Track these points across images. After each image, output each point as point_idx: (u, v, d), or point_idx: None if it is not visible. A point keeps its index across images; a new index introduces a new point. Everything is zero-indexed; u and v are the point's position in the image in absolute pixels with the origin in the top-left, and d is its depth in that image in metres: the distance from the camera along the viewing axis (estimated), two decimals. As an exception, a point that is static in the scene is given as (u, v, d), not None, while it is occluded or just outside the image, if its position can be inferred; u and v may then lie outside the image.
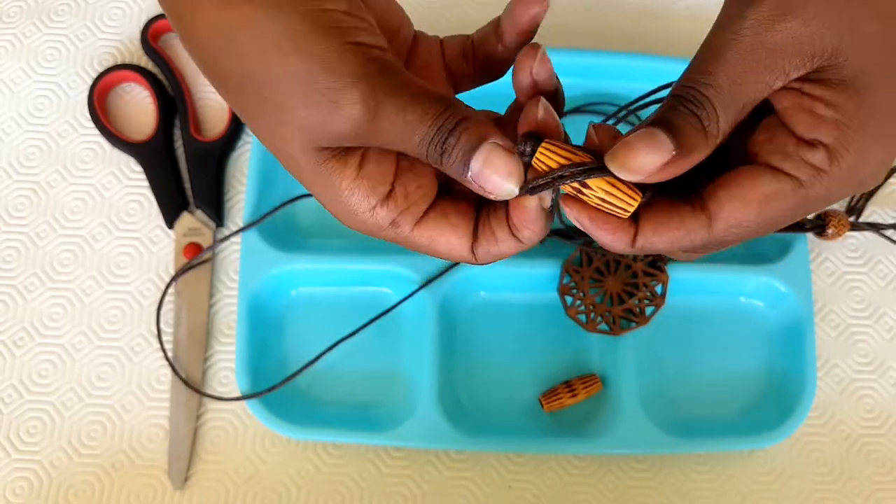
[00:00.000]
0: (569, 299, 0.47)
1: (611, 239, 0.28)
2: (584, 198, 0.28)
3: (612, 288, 0.47)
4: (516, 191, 0.28)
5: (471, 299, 0.49)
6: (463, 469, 0.47)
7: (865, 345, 0.50)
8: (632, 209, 0.28)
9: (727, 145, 0.29)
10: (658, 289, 0.47)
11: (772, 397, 0.48)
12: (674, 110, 0.28)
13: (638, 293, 0.47)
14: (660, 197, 0.29)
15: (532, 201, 0.28)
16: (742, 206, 0.28)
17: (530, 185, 0.28)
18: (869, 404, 0.49)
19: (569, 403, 0.47)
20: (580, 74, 0.51)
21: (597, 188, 0.27)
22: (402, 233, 0.30)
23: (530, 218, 0.29)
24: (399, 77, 0.27)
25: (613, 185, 0.28)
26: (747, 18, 0.27)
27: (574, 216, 0.28)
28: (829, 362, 0.49)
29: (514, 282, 0.49)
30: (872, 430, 0.48)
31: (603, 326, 0.47)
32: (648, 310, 0.47)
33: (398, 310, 0.48)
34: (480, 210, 0.30)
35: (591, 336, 0.48)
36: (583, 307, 0.47)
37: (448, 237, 0.30)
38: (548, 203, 0.29)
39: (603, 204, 0.28)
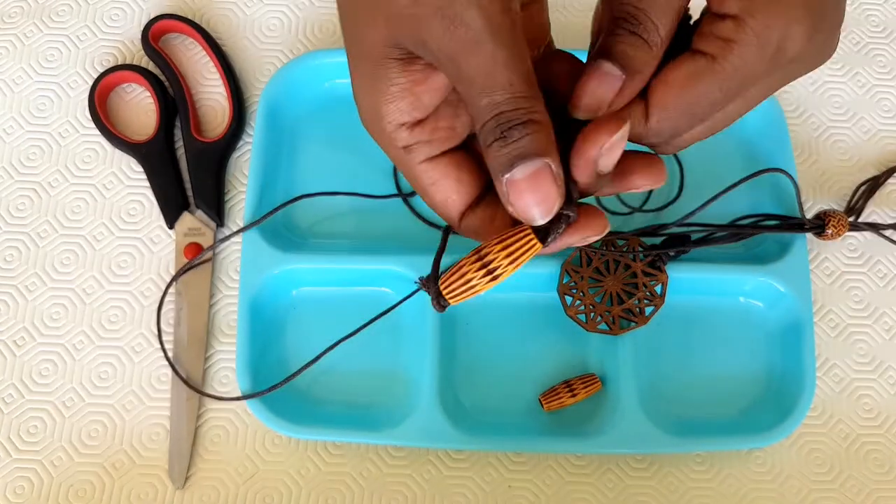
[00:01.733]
0: (568, 299, 0.47)
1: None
2: (499, 273, 0.29)
3: (612, 288, 0.47)
4: (538, 221, 0.28)
5: (471, 299, 0.49)
6: (463, 468, 0.47)
7: (864, 345, 0.50)
8: (536, 249, 0.29)
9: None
10: (657, 289, 0.47)
11: (771, 397, 0.48)
12: (614, 35, 0.28)
13: (637, 293, 0.47)
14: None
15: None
16: (667, 89, 0.28)
17: (548, 240, 0.28)
18: (868, 404, 0.49)
19: (568, 403, 0.47)
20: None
21: (502, 268, 0.29)
22: (410, 160, 0.30)
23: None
24: (516, 36, 0.27)
25: (509, 249, 0.29)
26: None
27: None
28: (828, 362, 0.49)
29: (514, 282, 0.48)
30: (871, 429, 0.48)
31: (602, 326, 0.47)
32: (648, 310, 0.47)
33: (398, 310, 0.48)
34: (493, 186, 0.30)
35: (590, 336, 0.48)
36: (582, 307, 0.47)
37: (448, 189, 0.30)
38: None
39: (518, 255, 0.29)
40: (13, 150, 0.52)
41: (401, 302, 0.48)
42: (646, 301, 0.47)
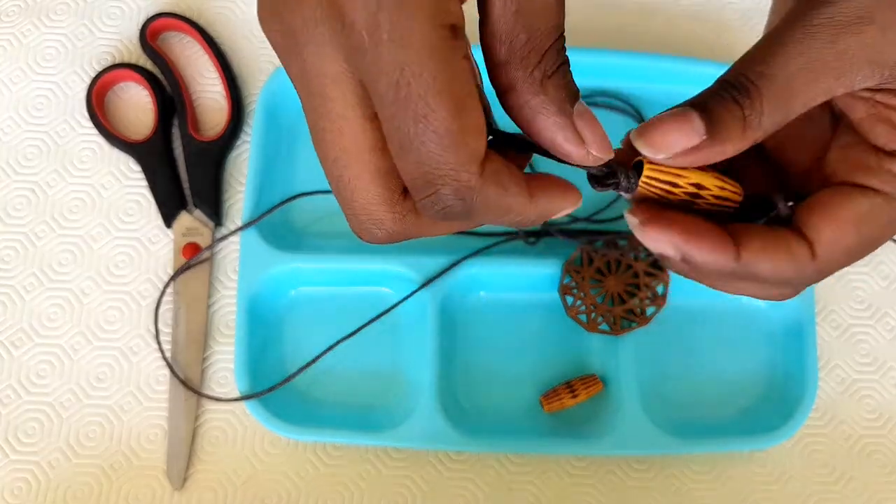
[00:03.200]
0: (569, 299, 0.47)
1: (711, 256, 0.27)
2: (698, 203, 0.27)
3: (613, 288, 0.47)
4: (600, 158, 0.26)
5: (471, 299, 0.49)
6: (463, 470, 0.46)
7: (867, 345, 0.50)
8: (737, 203, 0.27)
9: (790, 168, 0.28)
10: (659, 289, 0.47)
11: (773, 398, 0.48)
12: (715, 94, 0.26)
13: (639, 293, 0.47)
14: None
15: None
16: (839, 228, 0.27)
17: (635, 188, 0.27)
18: (870, 405, 0.49)
19: (569, 404, 0.47)
20: (583, 73, 0.51)
21: (712, 186, 0.27)
22: (455, 56, 0.24)
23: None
24: None
25: (720, 179, 0.27)
26: (822, 15, 0.25)
27: (666, 241, 0.27)
28: (830, 363, 0.49)
29: (515, 282, 0.49)
30: (874, 430, 0.48)
31: (604, 327, 0.47)
32: (649, 310, 0.47)
33: (398, 310, 0.48)
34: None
35: (591, 336, 0.47)
36: (583, 307, 0.47)
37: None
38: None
39: (718, 203, 0.27)
40: (10, 149, 0.51)
41: (401, 302, 0.48)
42: (647, 301, 0.47)
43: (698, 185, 0.27)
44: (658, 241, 0.27)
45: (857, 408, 0.48)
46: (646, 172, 0.27)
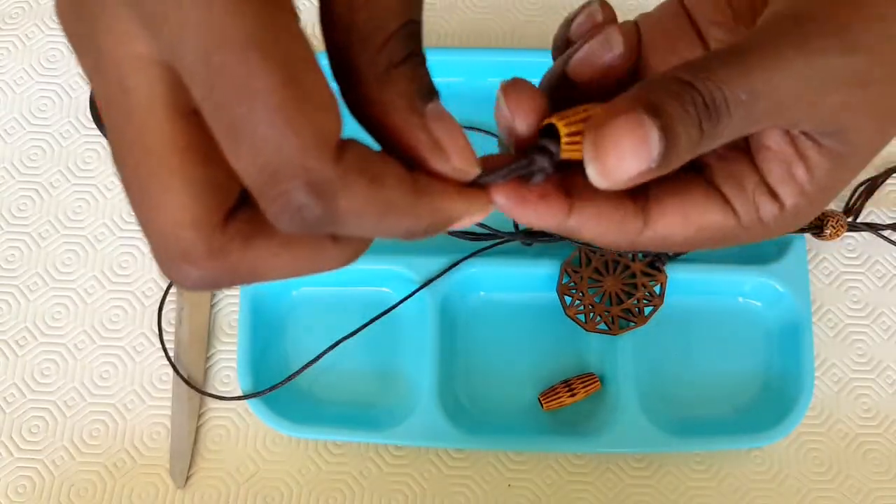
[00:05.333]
0: (568, 299, 0.47)
1: (540, 217, 0.23)
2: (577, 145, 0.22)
3: (611, 288, 0.48)
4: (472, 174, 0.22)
5: (471, 299, 0.49)
6: (463, 467, 0.47)
7: (863, 344, 0.50)
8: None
9: None
10: (656, 289, 0.47)
11: (769, 397, 0.48)
12: (678, 107, 0.21)
13: (636, 293, 0.47)
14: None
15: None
16: (680, 224, 0.25)
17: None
18: (866, 404, 0.49)
19: (568, 402, 0.47)
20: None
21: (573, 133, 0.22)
22: None
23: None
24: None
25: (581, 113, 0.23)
26: (828, 51, 0.22)
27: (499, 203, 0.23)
28: (826, 362, 0.50)
29: (514, 282, 0.49)
30: (870, 429, 0.48)
31: (602, 326, 0.47)
32: (647, 310, 0.47)
33: (398, 310, 0.48)
34: None
35: (589, 336, 0.48)
36: (582, 307, 0.47)
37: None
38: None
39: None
40: (15, 150, 0.52)
41: (401, 302, 0.48)
42: (645, 301, 0.47)
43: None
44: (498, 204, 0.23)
45: (853, 407, 0.49)
46: (564, 136, 0.22)
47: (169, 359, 0.48)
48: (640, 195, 0.24)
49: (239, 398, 0.46)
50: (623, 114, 0.21)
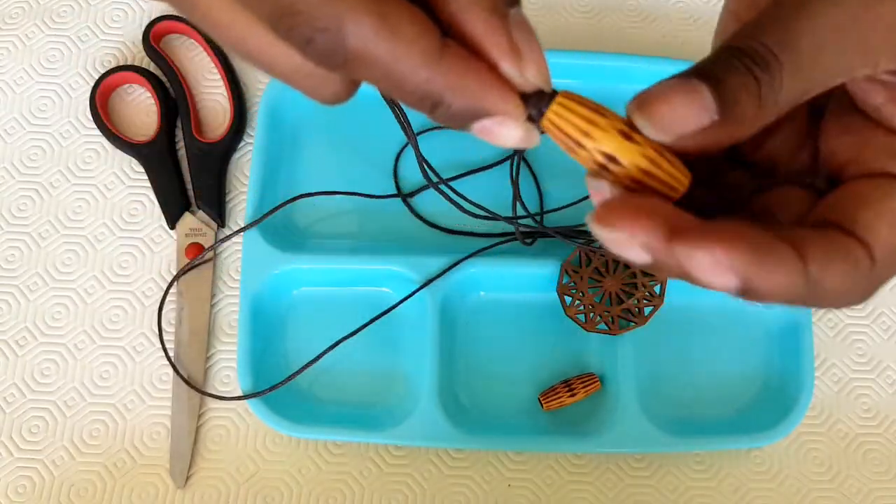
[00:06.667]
0: (568, 299, 0.48)
1: (783, 280, 0.20)
2: (610, 176, 0.21)
3: (611, 288, 0.48)
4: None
5: (471, 299, 0.49)
6: (463, 467, 0.47)
7: (863, 344, 0.50)
8: (678, 194, 0.21)
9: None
10: (656, 289, 0.48)
11: (769, 397, 0.48)
12: (726, 64, 0.21)
13: (636, 293, 0.47)
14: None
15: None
16: (893, 222, 0.22)
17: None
18: (866, 404, 0.49)
19: (568, 402, 0.47)
20: (579, 76, 0.52)
21: (630, 165, 0.21)
22: None
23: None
24: None
25: (658, 158, 0.21)
26: None
27: (724, 266, 0.20)
28: (826, 362, 0.50)
29: (514, 282, 0.49)
30: (870, 429, 0.48)
31: (602, 326, 0.47)
32: (647, 310, 0.47)
33: (398, 310, 0.48)
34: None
35: (589, 336, 0.48)
36: (582, 307, 0.47)
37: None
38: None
39: (637, 185, 0.21)
40: (14, 150, 0.52)
41: (401, 302, 0.48)
42: (645, 301, 0.47)
43: (610, 158, 0.21)
44: (713, 267, 0.20)
45: (853, 407, 0.49)
46: (554, 107, 0.21)
47: (169, 359, 0.48)
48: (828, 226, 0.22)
49: (239, 398, 0.46)
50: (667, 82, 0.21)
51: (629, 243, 0.21)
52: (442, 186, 0.47)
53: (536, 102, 0.21)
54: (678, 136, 0.21)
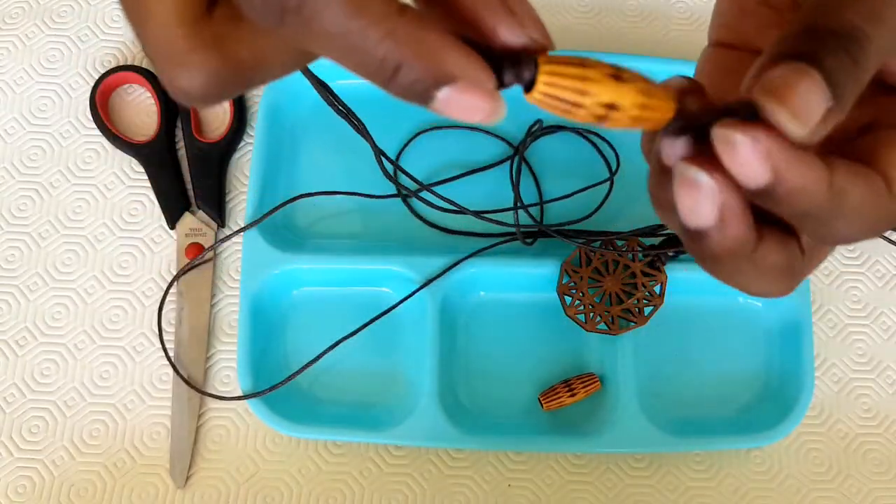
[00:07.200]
0: (568, 299, 0.48)
1: (810, 174, 0.20)
2: (609, 122, 0.21)
3: (611, 288, 0.48)
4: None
5: (471, 299, 0.49)
6: (463, 467, 0.47)
7: (863, 344, 0.50)
8: (671, 115, 0.21)
9: None
10: (656, 289, 0.48)
11: (770, 396, 0.48)
12: (822, 43, 0.20)
13: (636, 293, 0.47)
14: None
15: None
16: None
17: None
18: (866, 404, 0.49)
19: (568, 402, 0.47)
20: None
21: (630, 105, 0.21)
22: None
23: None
24: None
25: (649, 89, 0.21)
26: None
27: (762, 154, 0.19)
28: (826, 362, 0.50)
29: (514, 282, 0.49)
30: (870, 429, 0.48)
31: (602, 326, 0.47)
32: (647, 310, 0.47)
33: (398, 310, 0.48)
34: None
35: (589, 336, 0.48)
36: (582, 307, 0.47)
37: None
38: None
39: (638, 122, 0.21)
40: (14, 150, 0.52)
41: (401, 302, 0.48)
42: (645, 301, 0.47)
43: (610, 106, 0.20)
44: (751, 151, 0.19)
45: (853, 407, 0.49)
46: (543, 77, 0.20)
47: (169, 359, 0.48)
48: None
49: (239, 398, 0.46)
50: (776, 66, 0.20)
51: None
52: (415, 196, 0.48)
53: (513, 67, 0.20)
54: (812, 128, 0.20)
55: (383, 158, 0.48)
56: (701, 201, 0.20)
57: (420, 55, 0.18)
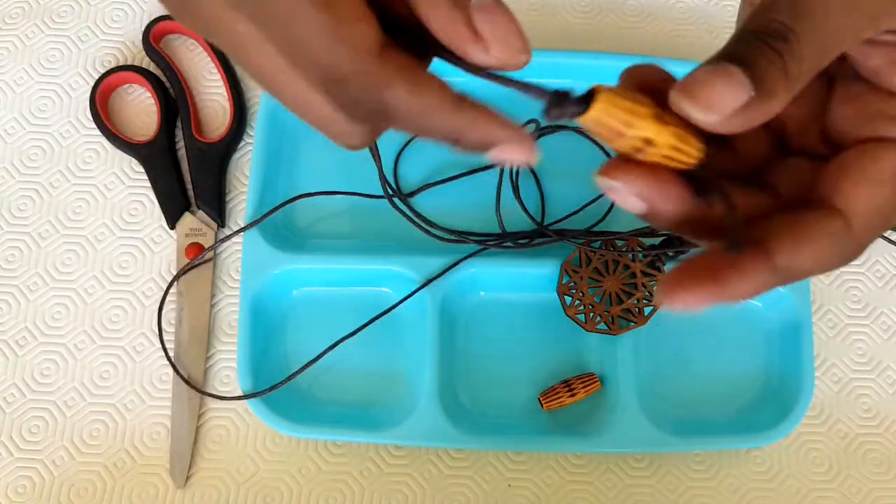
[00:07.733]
0: (568, 299, 0.48)
1: (747, 283, 0.23)
2: (643, 155, 0.23)
3: (611, 288, 0.48)
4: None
5: (471, 299, 0.49)
6: (463, 467, 0.47)
7: (863, 344, 0.50)
8: (696, 161, 0.24)
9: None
10: (657, 289, 0.47)
11: (770, 397, 0.48)
12: (748, 44, 0.23)
13: (636, 293, 0.47)
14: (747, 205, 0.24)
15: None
16: (876, 187, 0.23)
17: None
18: (866, 404, 0.49)
19: (568, 402, 0.47)
20: (579, 76, 0.52)
21: (663, 145, 0.23)
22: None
23: None
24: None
25: (684, 135, 0.23)
26: None
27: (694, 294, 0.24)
28: (826, 362, 0.50)
29: (514, 282, 0.49)
30: (870, 429, 0.49)
31: (602, 326, 0.47)
32: (647, 310, 0.47)
33: (398, 310, 0.48)
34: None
35: (589, 336, 0.48)
36: (582, 307, 0.47)
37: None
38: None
39: (668, 160, 0.24)
40: (14, 150, 0.52)
41: (401, 302, 0.48)
42: (645, 301, 0.47)
43: (648, 141, 0.23)
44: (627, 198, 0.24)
45: (853, 407, 0.49)
46: (599, 105, 0.23)
47: (169, 359, 0.48)
48: (813, 204, 0.24)
49: (239, 398, 0.46)
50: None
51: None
52: (399, 202, 0.49)
53: (559, 103, 0.23)
54: (723, 117, 0.23)
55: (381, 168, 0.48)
56: (625, 200, 0.24)
57: (474, 130, 0.24)
